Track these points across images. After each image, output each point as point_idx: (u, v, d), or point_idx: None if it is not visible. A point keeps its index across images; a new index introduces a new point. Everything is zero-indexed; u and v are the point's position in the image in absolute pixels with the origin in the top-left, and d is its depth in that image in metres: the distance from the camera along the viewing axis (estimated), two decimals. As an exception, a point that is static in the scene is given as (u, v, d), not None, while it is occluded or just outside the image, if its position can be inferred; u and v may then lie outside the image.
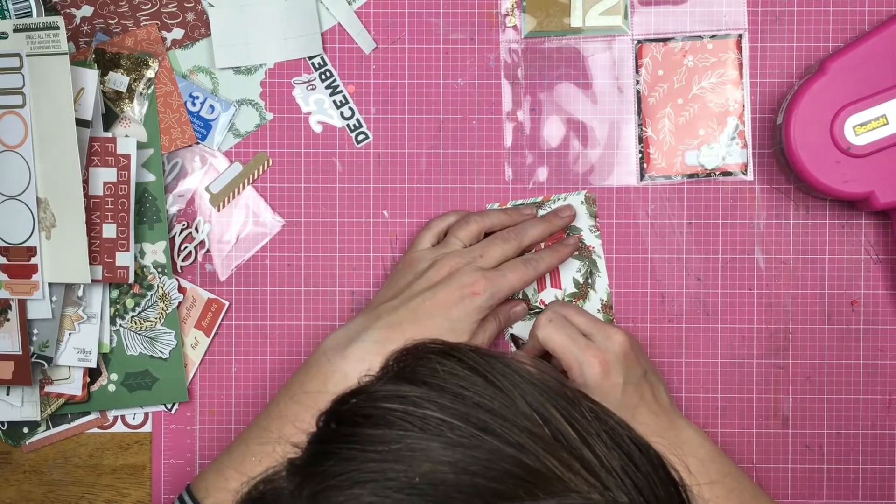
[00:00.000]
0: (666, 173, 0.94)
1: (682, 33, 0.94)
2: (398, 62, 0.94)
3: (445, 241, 0.89)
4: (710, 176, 0.93)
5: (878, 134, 0.87)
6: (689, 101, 0.94)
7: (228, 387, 0.95)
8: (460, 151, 0.94)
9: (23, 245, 0.90)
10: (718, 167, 0.93)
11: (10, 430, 0.95)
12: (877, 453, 0.94)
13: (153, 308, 0.94)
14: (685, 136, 0.94)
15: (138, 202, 0.93)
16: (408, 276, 0.87)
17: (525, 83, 0.94)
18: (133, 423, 0.96)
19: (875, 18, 0.93)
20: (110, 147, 0.91)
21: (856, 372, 0.94)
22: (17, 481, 0.96)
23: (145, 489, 0.96)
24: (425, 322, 0.83)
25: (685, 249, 0.94)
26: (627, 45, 0.94)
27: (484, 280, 0.83)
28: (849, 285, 0.94)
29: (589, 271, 0.78)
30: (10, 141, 0.89)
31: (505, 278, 0.84)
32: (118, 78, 0.93)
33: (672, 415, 0.84)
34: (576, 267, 0.77)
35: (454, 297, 0.83)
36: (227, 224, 0.95)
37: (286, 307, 0.95)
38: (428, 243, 0.90)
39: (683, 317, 0.94)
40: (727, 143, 0.93)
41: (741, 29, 0.93)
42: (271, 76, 0.94)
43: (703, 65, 0.93)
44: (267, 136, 0.95)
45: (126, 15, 0.94)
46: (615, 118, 0.94)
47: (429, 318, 0.83)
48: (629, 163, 0.94)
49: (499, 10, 0.94)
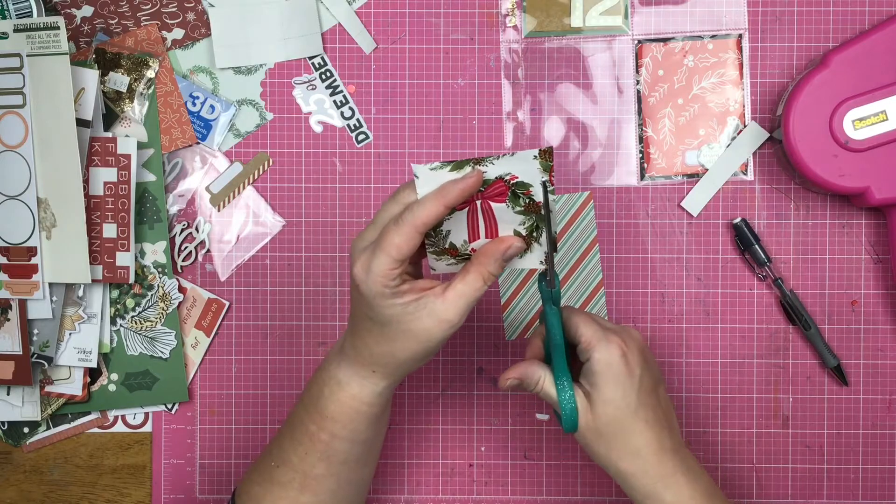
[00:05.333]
0: (666, 173, 0.94)
1: (682, 33, 0.94)
2: (398, 62, 0.94)
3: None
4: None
5: (877, 129, 0.87)
6: (689, 101, 0.94)
7: (228, 387, 0.95)
8: (460, 151, 0.94)
9: (23, 245, 0.90)
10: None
11: (10, 430, 0.95)
12: (877, 453, 0.94)
13: (153, 308, 0.94)
14: (685, 136, 0.94)
15: (139, 202, 0.93)
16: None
17: (525, 83, 0.94)
18: (133, 423, 0.96)
19: (875, 18, 0.93)
20: (111, 147, 0.91)
21: (856, 372, 0.94)
22: (17, 481, 0.96)
23: (145, 489, 0.96)
24: (356, 323, 0.79)
25: (685, 249, 0.94)
26: (627, 45, 0.94)
27: (359, 266, 0.76)
28: (849, 285, 0.94)
29: (535, 225, 0.76)
30: (10, 141, 0.89)
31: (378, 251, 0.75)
32: (118, 78, 0.93)
33: (680, 441, 0.81)
34: (518, 220, 0.75)
35: (353, 293, 0.78)
36: (227, 224, 0.95)
37: (286, 307, 0.95)
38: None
39: (683, 317, 0.94)
40: (727, 143, 0.93)
41: (741, 29, 0.93)
42: (271, 76, 0.94)
43: (704, 65, 0.94)
44: (267, 136, 0.95)
45: (126, 15, 0.94)
46: (615, 118, 0.94)
47: (356, 319, 0.79)
48: (629, 163, 0.94)
49: (499, 10, 0.94)
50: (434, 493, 0.95)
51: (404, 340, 0.76)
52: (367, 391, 0.79)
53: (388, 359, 0.78)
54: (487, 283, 0.76)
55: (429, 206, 0.74)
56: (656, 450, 0.78)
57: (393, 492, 0.95)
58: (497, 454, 0.95)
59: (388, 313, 0.75)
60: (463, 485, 0.95)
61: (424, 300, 0.75)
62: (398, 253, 0.73)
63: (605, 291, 0.94)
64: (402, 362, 0.78)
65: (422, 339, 0.76)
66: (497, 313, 0.95)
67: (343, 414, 0.80)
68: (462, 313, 0.76)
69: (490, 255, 0.76)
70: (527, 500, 0.95)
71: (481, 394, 0.95)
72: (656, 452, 0.78)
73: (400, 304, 0.75)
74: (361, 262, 0.75)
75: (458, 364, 0.95)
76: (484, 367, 0.95)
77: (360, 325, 0.78)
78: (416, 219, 0.73)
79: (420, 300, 0.75)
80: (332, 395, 0.80)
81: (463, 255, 0.78)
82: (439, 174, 0.74)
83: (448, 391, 0.95)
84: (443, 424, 0.95)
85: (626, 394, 0.77)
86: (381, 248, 0.74)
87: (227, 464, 0.95)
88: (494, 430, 0.95)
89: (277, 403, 0.95)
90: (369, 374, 0.79)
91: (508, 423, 0.95)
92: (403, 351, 0.77)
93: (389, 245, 0.73)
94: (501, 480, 0.95)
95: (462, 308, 0.75)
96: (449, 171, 0.74)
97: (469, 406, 0.95)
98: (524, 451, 0.95)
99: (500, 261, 0.76)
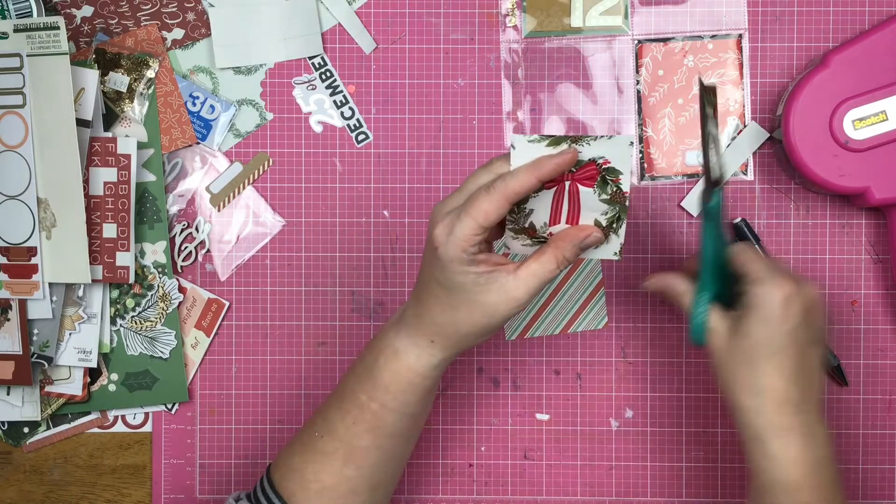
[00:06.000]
0: (666, 173, 0.94)
1: (682, 33, 0.94)
2: (398, 62, 0.94)
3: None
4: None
5: (877, 129, 0.87)
6: (689, 101, 0.94)
7: (228, 387, 0.95)
8: (460, 151, 0.94)
9: (23, 245, 0.90)
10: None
11: (10, 430, 0.95)
12: (877, 453, 0.94)
13: (153, 308, 0.94)
14: (685, 136, 0.94)
15: (138, 202, 0.93)
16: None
17: (525, 83, 0.94)
18: (133, 423, 0.96)
19: (875, 18, 0.93)
20: (111, 147, 0.91)
21: (856, 372, 0.94)
22: (17, 481, 0.96)
23: (145, 489, 0.96)
24: (427, 288, 0.79)
25: (685, 249, 0.94)
26: (628, 45, 0.94)
27: (442, 228, 0.76)
28: (849, 285, 0.94)
29: (617, 216, 0.77)
30: (10, 141, 0.89)
31: (464, 217, 0.75)
32: (118, 78, 0.93)
33: (813, 407, 0.79)
34: (601, 209, 0.75)
35: (428, 256, 0.78)
36: (227, 224, 0.95)
37: (286, 307, 0.95)
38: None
39: (684, 317, 0.94)
40: (727, 143, 0.93)
41: (741, 29, 0.93)
42: (271, 76, 0.94)
43: (704, 65, 0.94)
44: (267, 136, 0.95)
45: (126, 15, 0.94)
46: (615, 118, 0.94)
47: (426, 283, 0.79)
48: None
49: (499, 10, 0.94)
50: (434, 493, 0.95)
51: (469, 311, 0.77)
52: (424, 362, 0.79)
53: (449, 329, 0.78)
54: (561, 268, 0.77)
55: (522, 176, 0.74)
56: (779, 398, 0.76)
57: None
58: (497, 454, 0.95)
59: (459, 280, 0.76)
60: (463, 485, 0.95)
61: (496, 274, 0.75)
62: (485, 219, 0.74)
63: (605, 291, 0.94)
64: (463, 335, 0.78)
65: (487, 312, 0.76)
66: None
67: (397, 384, 0.80)
68: (532, 293, 0.76)
69: (569, 239, 0.77)
70: (527, 500, 0.95)
71: (481, 394, 0.95)
72: (778, 400, 0.77)
73: (473, 273, 0.75)
74: (444, 224, 0.75)
75: (458, 364, 0.95)
76: (484, 367, 0.95)
77: (428, 290, 0.78)
78: (508, 188, 0.74)
79: (493, 273, 0.76)
80: (388, 364, 0.80)
81: (539, 238, 0.78)
82: (536, 147, 0.75)
83: (448, 391, 0.95)
84: (443, 424, 0.95)
85: (771, 336, 0.76)
86: (468, 212, 0.74)
87: (227, 464, 0.95)
88: (494, 430, 0.95)
89: (277, 403, 0.95)
90: (427, 343, 0.79)
91: (508, 423, 0.95)
92: (466, 322, 0.77)
93: (477, 210, 0.74)
94: (501, 480, 0.95)
95: (533, 288, 0.76)
96: (546, 146, 0.74)
97: (469, 406, 0.95)
98: (524, 451, 0.95)
99: (577, 247, 0.77)
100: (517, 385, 0.95)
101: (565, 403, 0.95)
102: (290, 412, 0.95)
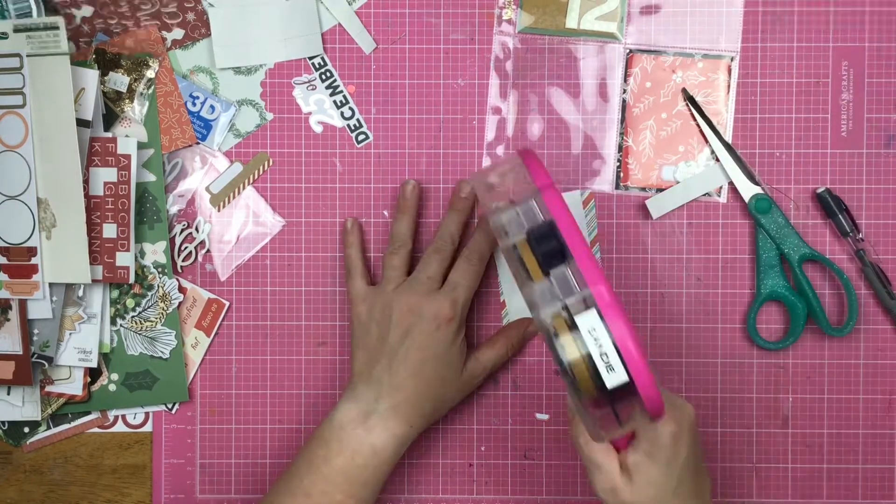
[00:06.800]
0: (641, 185, 0.94)
1: (674, 48, 0.93)
2: (398, 62, 0.94)
3: (383, 277, 0.90)
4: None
5: None
6: (672, 117, 0.93)
7: (229, 387, 0.95)
8: (460, 151, 0.94)
9: (23, 245, 0.90)
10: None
11: (10, 430, 0.95)
12: (877, 453, 0.94)
13: (154, 308, 0.94)
14: (664, 151, 0.93)
15: (138, 202, 0.93)
16: (373, 331, 0.88)
17: (513, 80, 0.94)
18: (133, 423, 0.96)
19: (875, 27, 0.93)
20: (111, 147, 0.91)
21: (856, 372, 0.94)
22: (17, 481, 0.96)
23: (145, 489, 0.96)
24: (422, 369, 0.86)
25: (685, 249, 0.94)
26: (618, 53, 0.94)
27: (448, 303, 0.86)
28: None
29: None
30: (10, 141, 0.89)
31: (461, 288, 0.87)
32: (118, 78, 0.93)
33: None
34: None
35: (432, 333, 0.85)
36: (227, 224, 0.95)
37: (286, 307, 0.95)
38: (363, 287, 0.91)
39: (683, 317, 0.94)
40: (705, 163, 0.93)
41: (733, 52, 0.93)
42: (271, 76, 0.94)
43: (692, 82, 0.93)
44: (267, 136, 0.95)
45: (126, 15, 0.94)
46: (598, 124, 0.94)
47: (423, 364, 0.86)
48: (606, 170, 0.93)
49: (497, 4, 0.94)
50: (434, 492, 0.95)
51: (459, 383, 0.89)
52: (401, 447, 0.86)
53: (438, 404, 0.87)
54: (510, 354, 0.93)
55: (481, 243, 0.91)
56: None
57: (392, 491, 0.95)
58: (497, 454, 0.95)
59: (454, 350, 0.87)
60: (463, 485, 0.95)
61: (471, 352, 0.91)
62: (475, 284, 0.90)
63: (605, 291, 0.94)
64: (446, 407, 0.89)
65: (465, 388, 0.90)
66: (497, 313, 0.95)
67: (375, 477, 0.85)
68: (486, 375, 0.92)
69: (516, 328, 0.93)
70: (527, 500, 0.95)
71: (481, 393, 0.95)
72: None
73: (461, 342, 0.88)
74: (450, 300, 0.86)
75: (457, 364, 0.95)
76: (484, 367, 0.95)
77: (428, 372, 0.85)
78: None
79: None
80: (368, 462, 0.84)
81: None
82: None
83: (448, 391, 0.95)
84: (443, 424, 0.95)
85: (670, 475, 0.77)
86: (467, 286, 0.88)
87: (227, 464, 0.95)
88: (494, 430, 0.95)
89: (277, 403, 0.95)
90: (406, 429, 0.85)
91: (508, 423, 0.95)
92: (456, 393, 0.89)
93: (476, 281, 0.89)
94: (501, 480, 0.95)
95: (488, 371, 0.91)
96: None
97: (469, 406, 0.95)
98: (524, 451, 0.95)
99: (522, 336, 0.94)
100: (517, 385, 0.95)
101: (565, 403, 0.94)
102: (290, 412, 0.95)
